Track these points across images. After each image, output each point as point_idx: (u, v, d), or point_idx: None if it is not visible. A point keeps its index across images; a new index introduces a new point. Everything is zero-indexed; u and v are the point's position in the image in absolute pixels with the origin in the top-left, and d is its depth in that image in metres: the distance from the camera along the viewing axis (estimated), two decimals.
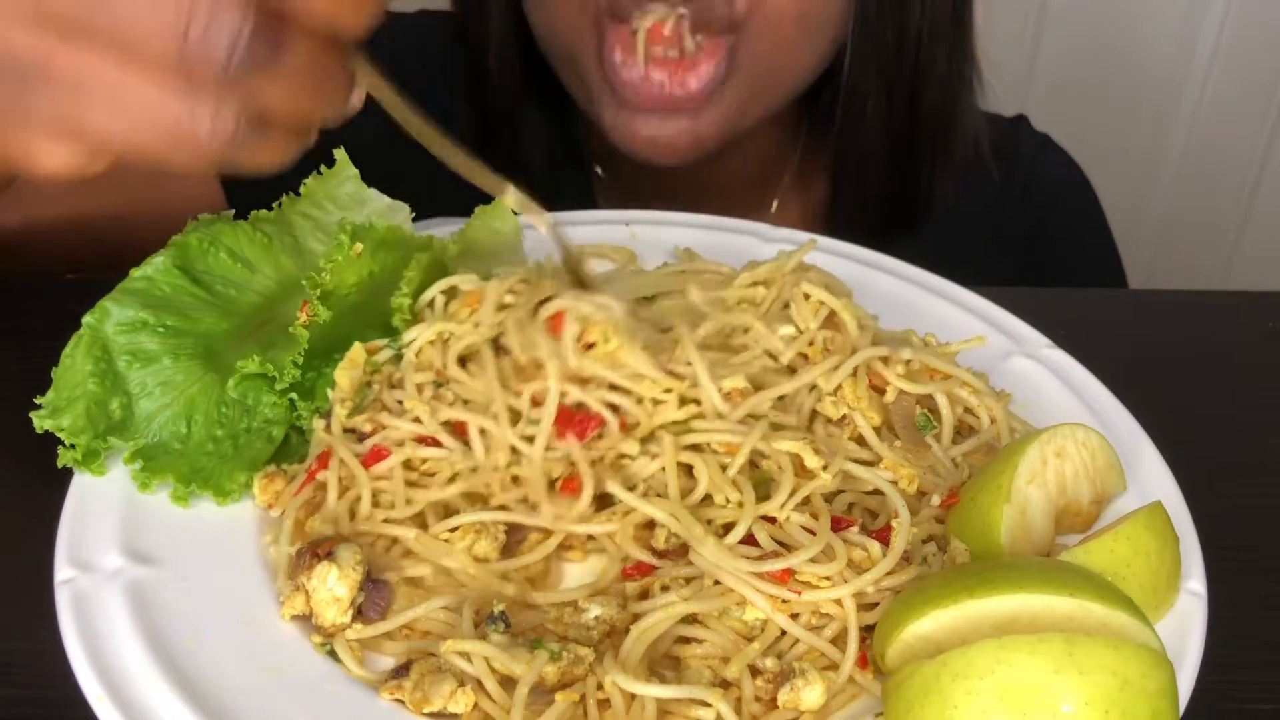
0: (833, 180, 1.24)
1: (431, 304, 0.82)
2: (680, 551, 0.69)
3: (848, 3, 1.08)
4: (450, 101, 1.21)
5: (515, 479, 0.73)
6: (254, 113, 0.54)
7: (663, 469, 0.72)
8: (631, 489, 0.71)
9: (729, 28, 1.03)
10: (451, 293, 0.82)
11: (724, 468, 0.72)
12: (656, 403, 0.74)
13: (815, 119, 1.25)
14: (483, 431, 0.74)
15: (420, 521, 0.73)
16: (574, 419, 0.73)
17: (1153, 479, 0.77)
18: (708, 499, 0.71)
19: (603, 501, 0.72)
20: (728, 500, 0.70)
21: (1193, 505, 0.75)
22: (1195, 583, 0.69)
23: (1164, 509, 0.69)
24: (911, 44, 1.12)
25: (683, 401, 0.74)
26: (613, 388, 0.74)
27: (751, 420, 0.74)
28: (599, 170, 1.29)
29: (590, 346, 0.74)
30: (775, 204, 1.29)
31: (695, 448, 0.73)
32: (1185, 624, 0.67)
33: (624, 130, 1.07)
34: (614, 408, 0.73)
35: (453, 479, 0.73)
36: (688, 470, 0.72)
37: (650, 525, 0.71)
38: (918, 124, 1.17)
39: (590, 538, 0.72)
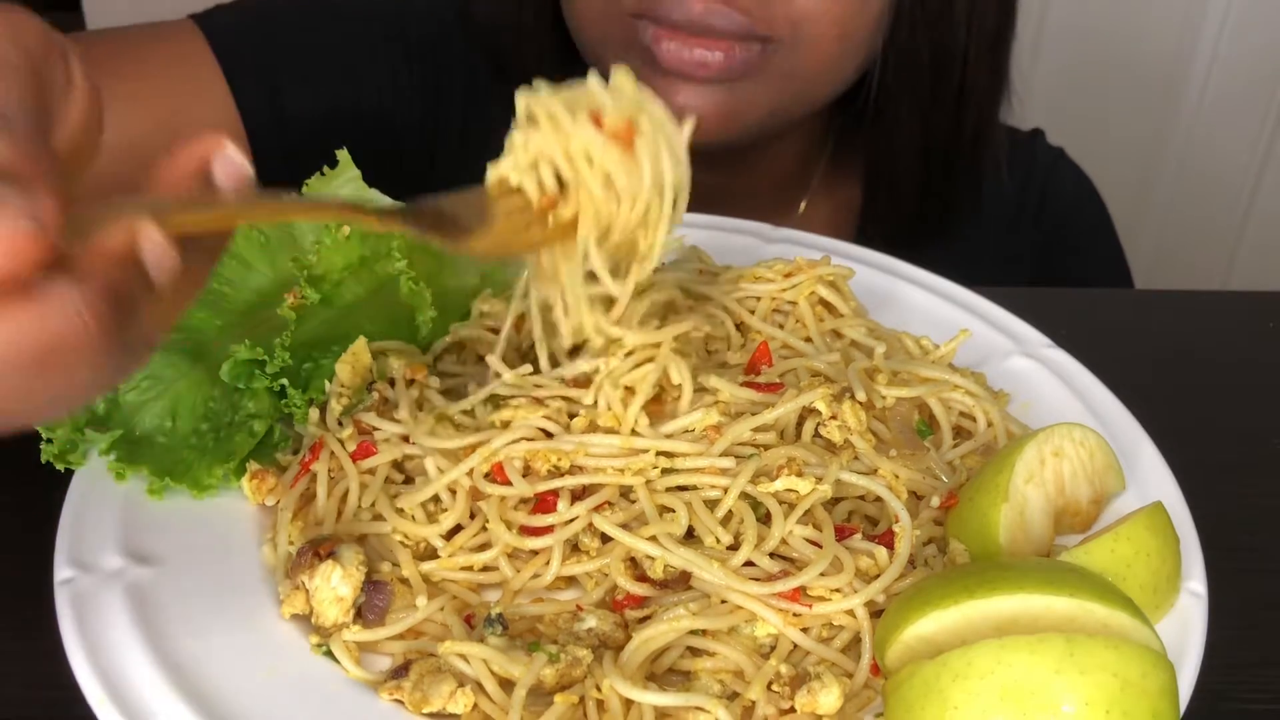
0: (866, 189, 1.26)
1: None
2: (681, 580, 0.68)
3: (879, 19, 1.09)
4: (482, 84, 1.22)
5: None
6: None
7: (643, 510, 0.70)
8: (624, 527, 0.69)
9: (762, 40, 1.04)
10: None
11: (709, 504, 0.70)
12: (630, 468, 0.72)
13: (845, 126, 1.26)
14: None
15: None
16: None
17: (1153, 479, 0.77)
18: (695, 537, 0.69)
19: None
20: (718, 541, 0.68)
21: (1193, 505, 0.75)
22: (1195, 583, 0.69)
23: (1164, 509, 0.69)
24: (956, 64, 1.13)
25: (659, 452, 0.72)
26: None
27: (737, 449, 0.72)
28: None
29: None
30: (803, 206, 1.29)
31: (682, 488, 0.71)
32: (1185, 624, 0.67)
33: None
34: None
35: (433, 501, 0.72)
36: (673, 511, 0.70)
37: (634, 560, 0.69)
38: (956, 142, 1.18)
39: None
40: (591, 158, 0.62)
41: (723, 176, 1.24)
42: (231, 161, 0.51)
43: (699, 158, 1.24)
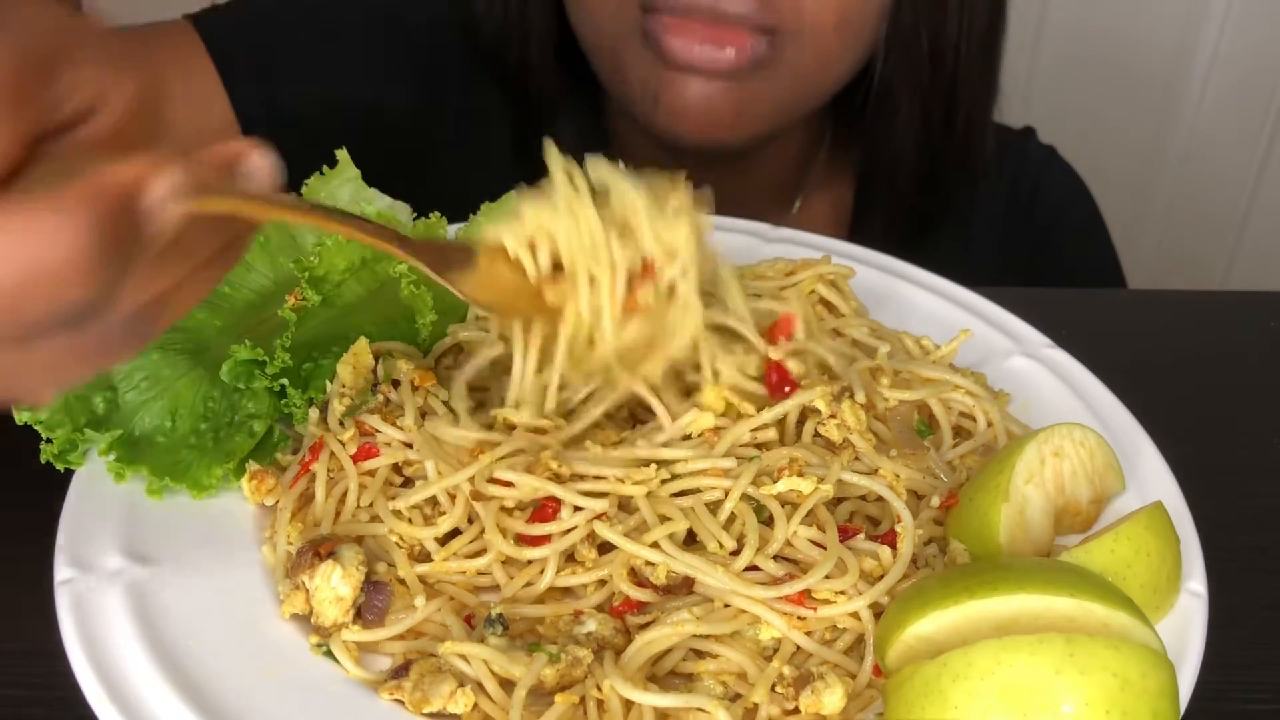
0: (860, 186, 1.26)
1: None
2: (683, 585, 0.68)
3: (882, 9, 1.10)
4: (478, 85, 1.22)
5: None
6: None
7: (644, 520, 0.69)
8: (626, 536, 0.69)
9: (769, 33, 1.05)
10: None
11: (711, 506, 0.69)
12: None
13: (841, 123, 1.26)
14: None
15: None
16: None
17: (1153, 479, 0.77)
18: (697, 542, 0.69)
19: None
20: (720, 546, 0.68)
21: (1193, 505, 0.75)
22: (1195, 583, 0.69)
23: (1164, 509, 0.69)
24: (949, 57, 1.14)
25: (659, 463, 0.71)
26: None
27: (738, 451, 0.72)
28: None
29: None
30: (798, 205, 1.30)
31: (683, 492, 0.71)
32: (1185, 624, 0.67)
33: (670, 100, 1.07)
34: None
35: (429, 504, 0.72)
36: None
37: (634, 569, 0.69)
38: (951, 136, 1.19)
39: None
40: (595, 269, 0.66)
41: (718, 179, 1.24)
42: (265, 161, 0.50)
43: (698, 160, 1.25)
